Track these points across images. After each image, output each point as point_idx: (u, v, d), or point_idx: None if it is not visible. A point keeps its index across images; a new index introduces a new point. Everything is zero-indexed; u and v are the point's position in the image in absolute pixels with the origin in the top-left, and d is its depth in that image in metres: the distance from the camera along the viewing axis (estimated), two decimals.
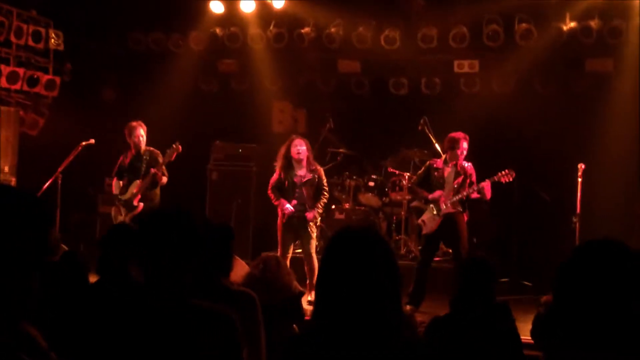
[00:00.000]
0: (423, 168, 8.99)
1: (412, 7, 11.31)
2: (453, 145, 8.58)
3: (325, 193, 8.96)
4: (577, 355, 2.11)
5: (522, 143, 11.09)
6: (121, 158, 9.46)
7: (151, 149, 9.40)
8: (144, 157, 9.30)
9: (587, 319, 2.07)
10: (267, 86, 12.24)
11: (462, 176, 8.60)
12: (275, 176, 8.97)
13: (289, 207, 8.75)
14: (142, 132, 9.29)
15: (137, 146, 9.29)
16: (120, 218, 9.20)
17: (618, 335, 2.04)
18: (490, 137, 11.08)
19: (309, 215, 8.79)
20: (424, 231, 8.71)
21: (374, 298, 2.33)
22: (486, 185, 8.51)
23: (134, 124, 9.31)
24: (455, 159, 8.60)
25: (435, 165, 8.76)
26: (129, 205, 9.19)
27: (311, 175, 8.88)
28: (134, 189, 9.25)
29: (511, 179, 8.63)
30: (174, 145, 9.17)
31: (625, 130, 10.55)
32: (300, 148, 8.82)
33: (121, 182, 9.39)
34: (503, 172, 8.61)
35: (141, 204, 9.14)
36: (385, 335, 2.33)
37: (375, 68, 11.75)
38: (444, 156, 8.83)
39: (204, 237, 3.71)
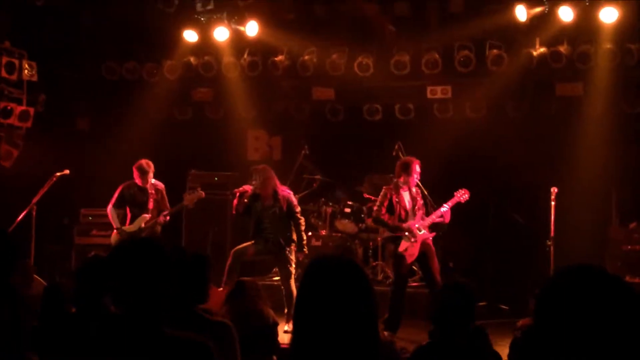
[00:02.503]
0: (381, 196, 8.79)
1: (384, 34, 11.42)
2: (408, 169, 8.64)
3: (301, 222, 8.95)
4: None
5: (495, 167, 11.20)
6: (120, 188, 9.44)
7: (155, 182, 9.48)
8: (150, 191, 9.37)
9: (567, 343, 2.09)
10: (241, 114, 12.27)
11: (418, 200, 8.68)
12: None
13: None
14: (151, 175, 9.43)
15: (145, 183, 9.39)
16: None
17: (595, 356, 2.07)
18: (463, 161, 11.20)
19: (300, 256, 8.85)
20: (409, 260, 8.64)
21: (351, 326, 2.35)
22: (446, 211, 8.62)
23: (146, 166, 9.39)
24: (410, 183, 8.68)
25: (393, 192, 8.76)
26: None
27: (273, 204, 8.85)
28: (141, 222, 9.31)
29: (468, 198, 8.74)
30: (198, 190, 9.46)
31: (596, 153, 10.70)
32: (254, 182, 8.85)
33: (124, 213, 9.43)
34: (459, 193, 8.73)
35: None
36: None
37: (349, 95, 11.82)
38: (395, 181, 8.83)
39: (180, 266, 3.73)
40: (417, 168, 8.67)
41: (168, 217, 9.42)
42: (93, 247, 9.63)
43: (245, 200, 8.85)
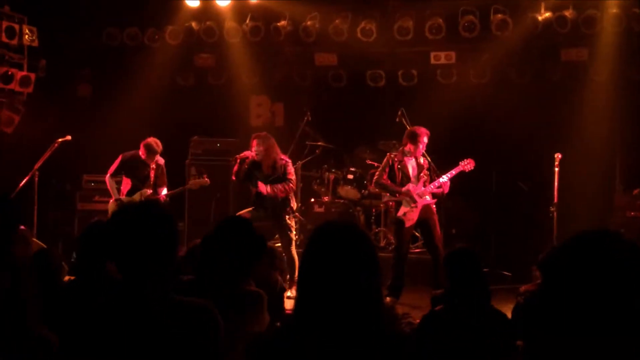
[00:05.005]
0: (384, 162, 8.90)
1: None
2: (415, 139, 8.64)
3: (290, 183, 8.89)
4: (558, 343, 2.12)
5: (499, 133, 11.15)
6: (121, 157, 9.41)
7: (159, 161, 9.46)
8: (152, 165, 9.37)
9: (578, 308, 2.07)
10: (244, 80, 12.21)
11: (425, 169, 8.68)
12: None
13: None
14: (158, 156, 9.42)
15: (149, 162, 9.37)
16: None
17: (605, 323, 2.05)
18: (467, 128, 11.16)
19: (261, 187, 8.75)
20: (407, 224, 8.68)
21: (355, 292, 2.34)
22: (444, 181, 8.62)
23: (155, 147, 9.34)
24: (414, 152, 8.66)
25: (396, 159, 8.78)
26: None
27: (272, 172, 8.83)
28: (142, 197, 9.27)
29: (472, 167, 8.76)
30: (204, 177, 9.55)
31: (601, 119, 10.66)
32: (257, 148, 8.78)
33: (125, 181, 9.43)
34: (464, 162, 8.74)
35: None
36: (367, 329, 2.34)
37: (352, 61, 11.75)
38: (401, 148, 8.85)
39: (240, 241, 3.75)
40: (425, 139, 8.66)
41: (167, 199, 9.38)
42: (95, 212, 9.65)
43: (246, 166, 8.83)
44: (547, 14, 10.50)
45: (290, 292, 8.22)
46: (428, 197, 8.67)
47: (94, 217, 9.38)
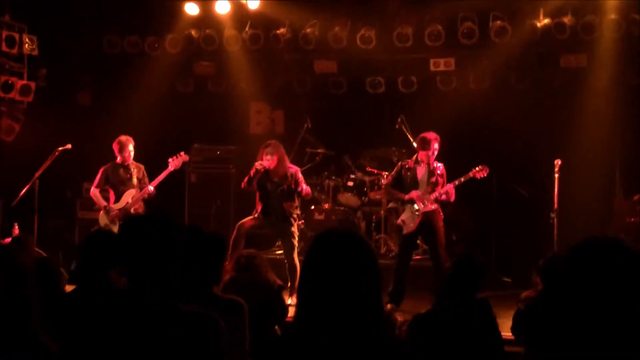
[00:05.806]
0: (395, 169, 8.96)
1: (386, 6, 11.34)
2: (425, 145, 8.62)
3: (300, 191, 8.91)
4: (559, 349, 2.12)
5: (499, 139, 11.16)
6: (102, 169, 9.38)
7: (139, 165, 9.46)
8: (132, 169, 9.31)
9: (579, 314, 2.07)
10: (244, 87, 12.21)
11: (436, 176, 8.65)
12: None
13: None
14: (131, 148, 9.35)
15: (125, 160, 9.31)
16: (115, 228, 9.08)
17: (606, 329, 2.05)
18: (467, 134, 11.17)
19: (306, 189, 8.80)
20: (405, 231, 8.69)
21: (356, 300, 2.36)
22: (450, 188, 8.60)
23: (124, 139, 9.33)
24: (427, 159, 8.65)
25: (407, 166, 8.78)
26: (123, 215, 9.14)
27: (281, 181, 8.82)
28: (128, 198, 9.23)
29: (485, 175, 8.72)
30: (181, 154, 9.37)
31: (600, 125, 10.67)
32: (270, 157, 8.75)
33: (111, 192, 9.36)
34: (477, 169, 8.71)
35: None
36: (367, 336, 2.35)
37: (351, 68, 11.75)
38: (414, 156, 8.85)
39: (198, 247, 3.75)
40: (436, 145, 8.63)
41: (153, 190, 9.29)
42: (96, 221, 9.64)
43: (259, 175, 8.79)
44: (546, 20, 10.50)
45: (291, 300, 8.22)
46: (433, 206, 8.64)
47: (94, 225, 9.42)
